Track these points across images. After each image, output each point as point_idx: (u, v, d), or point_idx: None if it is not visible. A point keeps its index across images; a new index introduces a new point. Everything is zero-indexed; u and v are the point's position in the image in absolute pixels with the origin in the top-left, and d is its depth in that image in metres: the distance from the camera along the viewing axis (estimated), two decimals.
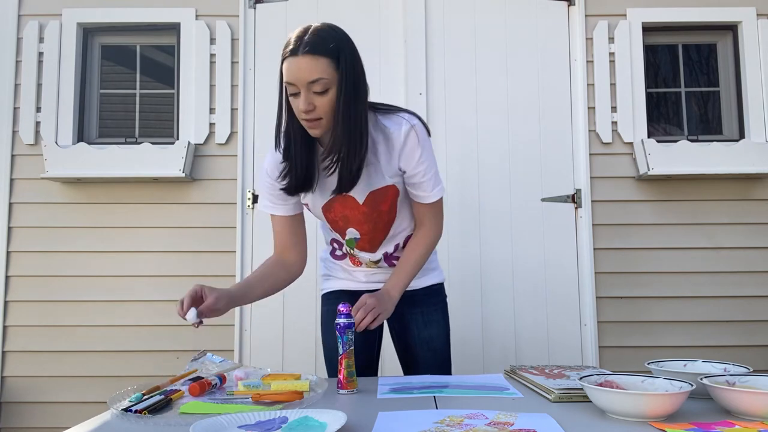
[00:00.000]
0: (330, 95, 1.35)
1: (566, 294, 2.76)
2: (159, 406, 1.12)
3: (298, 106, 1.36)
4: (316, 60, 1.31)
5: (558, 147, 2.83)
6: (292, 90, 1.35)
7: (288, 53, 1.33)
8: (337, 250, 1.69)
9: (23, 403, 2.72)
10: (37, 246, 2.78)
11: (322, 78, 1.32)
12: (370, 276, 1.68)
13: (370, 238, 1.58)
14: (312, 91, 1.33)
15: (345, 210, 1.54)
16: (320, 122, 1.37)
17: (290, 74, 1.33)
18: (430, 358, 1.66)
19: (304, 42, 1.32)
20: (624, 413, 1.01)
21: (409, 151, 1.45)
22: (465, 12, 2.87)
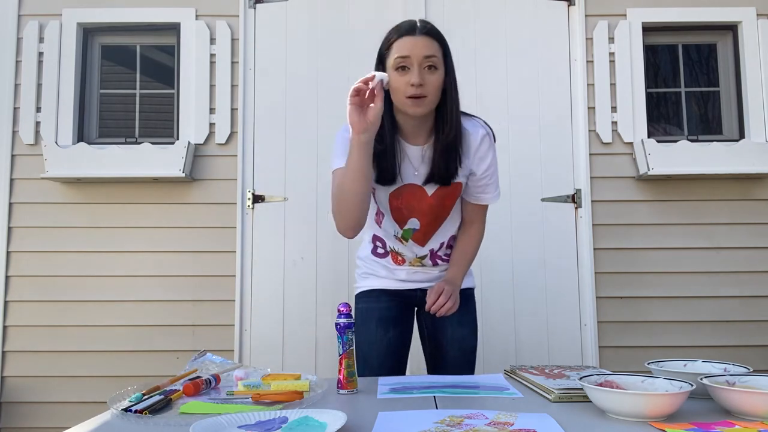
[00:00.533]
0: (437, 75, 1.46)
1: (566, 294, 2.76)
2: (159, 406, 1.12)
3: (407, 81, 1.43)
4: (432, 41, 1.46)
5: (558, 147, 2.83)
6: (404, 63, 1.44)
7: (404, 33, 1.46)
8: (378, 248, 1.71)
9: (23, 403, 2.72)
10: (37, 246, 2.78)
11: (434, 56, 1.44)
12: (411, 275, 1.70)
13: (426, 231, 1.64)
14: (424, 67, 1.43)
15: (413, 200, 1.58)
16: (425, 100, 1.45)
17: (406, 49, 1.43)
18: (459, 357, 1.69)
19: (420, 25, 1.47)
20: (624, 413, 1.01)
21: (483, 155, 1.56)
22: (465, 12, 2.87)
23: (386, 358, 1.65)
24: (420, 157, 1.56)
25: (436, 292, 1.52)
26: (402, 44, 1.44)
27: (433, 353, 1.74)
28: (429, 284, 1.70)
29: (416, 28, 1.46)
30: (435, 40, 1.46)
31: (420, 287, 1.71)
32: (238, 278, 2.75)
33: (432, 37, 1.46)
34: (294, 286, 2.77)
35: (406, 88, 1.44)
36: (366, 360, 1.65)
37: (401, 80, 1.44)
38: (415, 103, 1.44)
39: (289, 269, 2.77)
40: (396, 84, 1.45)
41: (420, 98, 1.44)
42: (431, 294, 1.51)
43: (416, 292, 1.72)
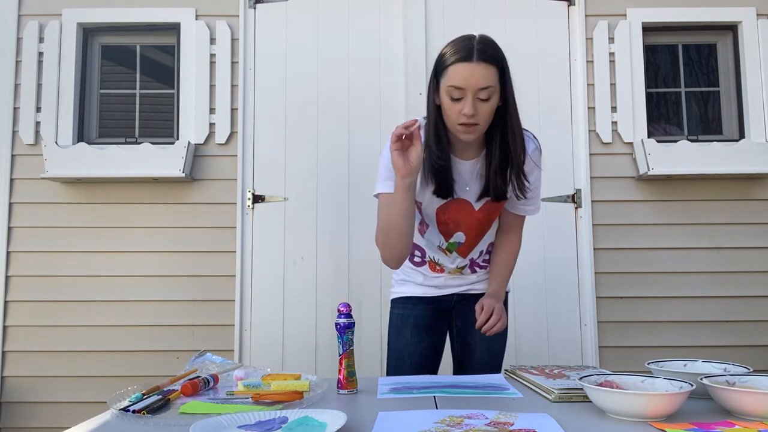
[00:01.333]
0: (491, 103, 1.42)
1: (566, 294, 2.76)
2: (157, 405, 1.12)
3: (461, 109, 1.40)
4: (488, 68, 1.39)
5: (558, 147, 2.83)
6: (458, 95, 1.40)
7: (459, 58, 1.39)
8: (416, 257, 1.70)
9: (23, 403, 2.72)
10: (37, 246, 2.78)
11: (490, 86, 1.39)
12: (448, 280, 1.70)
13: (470, 244, 1.64)
14: (478, 97, 1.40)
15: (459, 214, 1.59)
16: (476, 128, 1.43)
17: (461, 79, 1.38)
18: (487, 359, 1.69)
19: (477, 49, 1.39)
20: (624, 413, 1.01)
21: (531, 168, 1.55)
22: (465, 12, 2.87)
23: (419, 366, 1.66)
24: (470, 171, 1.55)
25: (487, 311, 1.51)
26: (457, 72, 1.39)
27: (461, 354, 1.75)
28: (465, 288, 1.71)
29: (473, 53, 1.38)
30: (493, 66, 1.40)
31: (456, 291, 1.71)
32: (238, 278, 2.75)
33: (490, 62, 1.40)
34: (294, 286, 2.77)
35: (458, 117, 1.42)
36: (399, 366, 1.66)
37: (454, 107, 1.42)
38: (467, 130, 1.43)
39: (289, 269, 2.77)
40: (448, 110, 1.43)
41: (472, 126, 1.42)
42: (482, 312, 1.51)
43: (452, 297, 1.72)
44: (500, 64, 1.42)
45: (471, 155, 1.55)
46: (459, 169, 1.55)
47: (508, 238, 1.70)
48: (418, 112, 2.75)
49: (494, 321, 1.50)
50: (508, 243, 1.69)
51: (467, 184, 1.56)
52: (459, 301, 1.72)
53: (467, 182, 1.56)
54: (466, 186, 1.56)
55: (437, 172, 1.50)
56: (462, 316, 1.72)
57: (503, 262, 1.68)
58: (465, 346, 1.73)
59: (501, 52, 1.44)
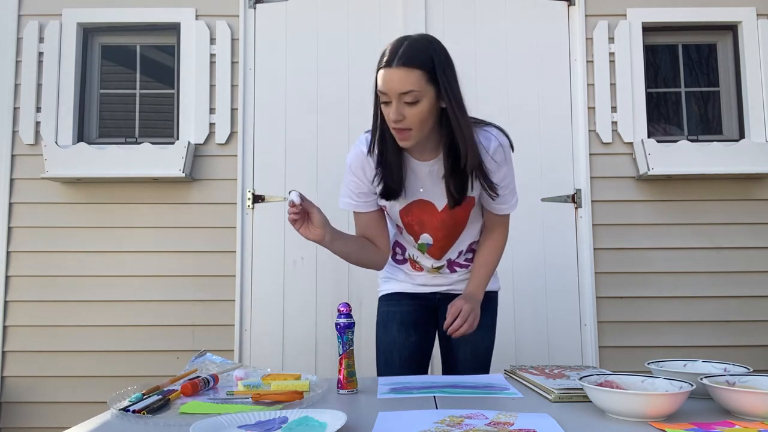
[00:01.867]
0: (420, 107, 1.38)
1: (566, 294, 2.76)
2: (157, 405, 1.12)
3: (388, 115, 1.40)
4: (409, 72, 1.35)
5: (558, 147, 2.83)
6: (384, 99, 1.39)
7: (383, 64, 1.38)
8: (398, 254, 1.72)
9: (23, 403, 2.72)
10: (37, 246, 2.78)
11: (413, 90, 1.35)
12: (430, 279, 1.70)
13: (441, 245, 1.63)
14: (403, 102, 1.37)
15: (423, 215, 1.57)
16: (410, 133, 1.41)
17: (383, 84, 1.37)
18: (470, 360, 1.68)
19: (399, 54, 1.36)
20: (624, 413, 1.01)
21: (496, 167, 1.51)
22: (465, 12, 2.87)
23: (408, 362, 1.65)
24: (428, 173, 1.53)
25: (453, 313, 1.49)
26: (381, 78, 1.38)
27: (446, 353, 1.74)
28: (448, 288, 1.70)
29: (395, 57, 1.36)
30: (415, 69, 1.35)
31: (439, 290, 1.71)
32: (238, 278, 2.75)
33: (411, 66, 1.35)
34: (294, 286, 2.77)
35: (389, 122, 1.41)
36: (388, 363, 1.66)
37: (386, 112, 1.41)
38: (399, 135, 1.42)
39: (289, 269, 2.77)
40: (384, 114, 1.43)
41: (404, 131, 1.40)
42: (449, 313, 1.49)
43: (436, 296, 1.72)
44: (428, 66, 1.37)
45: (428, 156, 1.52)
46: (415, 170, 1.53)
47: (490, 236, 1.66)
48: None
49: (458, 324, 1.47)
50: (491, 240, 1.66)
51: (422, 185, 1.54)
52: (442, 300, 1.71)
53: (423, 184, 1.54)
54: (420, 188, 1.54)
55: (383, 173, 1.50)
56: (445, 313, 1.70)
57: (482, 261, 1.64)
58: (450, 346, 1.71)
59: (431, 52, 1.39)
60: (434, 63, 1.38)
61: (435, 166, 1.52)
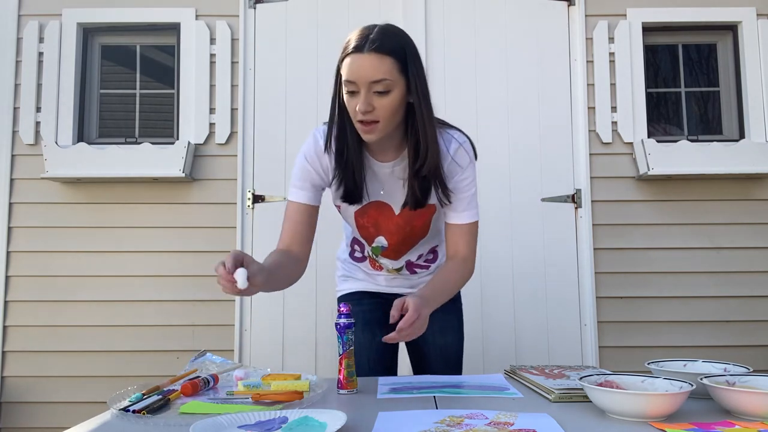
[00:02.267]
0: (391, 98, 1.30)
1: (566, 294, 2.76)
2: (157, 405, 1.12)
3: (355, 106, 1.30)
4: (382, 59, 1.27)
5: (558, 147, 2.83)
6: (351, 88, 1.29)
7: (351, 50, 1.28)
8: (356, 252, 1.65)
9: (23, 403, 2.72)
10: (37, 246, 2.78)
11: (385, 79, 1.27)
12: (390, 281, 1.65)
13: (396, 249, 1.56)
14: (373, 91, 1.28)
15: (379, 217, 1.50)
16: (376, 126, 1.31)
17: (352, 72, 1.27)
18: (443, 368, 1.64)
19: (370, 39, 1.27)
20: (624, 413, 1.01)
21: (453, 169, 1.43)
22: (465, 12, 2.87)
23: (377, 363, 1.59)
24: (389, 174, 1.44)
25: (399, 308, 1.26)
26: (348, 65, 1.28)
27: (415, 360, 1.70)
28: (408, 290, 1.62)
29: (365, 43, 1.27)
30: (388, 56, 1.27)
31: (401, 292, 1.63)
32: None
33: (384, 53, 1.27)
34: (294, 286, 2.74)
35: (355, 114, 1.31)
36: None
37: (351, 103, 1.31)
38: (365, 129, 1.31)
39: None
40: (348, 107, 1.32)
41: (371, 124, 1.30)
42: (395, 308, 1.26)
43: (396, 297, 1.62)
44: (400, 55, 1.29)
45: (389, 156, 1.43)
46: (375, 171, 1.44)
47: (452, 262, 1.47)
48: None
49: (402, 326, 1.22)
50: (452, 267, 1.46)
51: (382, 187, 1.46)
52: None
53: (383, 185, 1.46)
54: (381, 190, 1.46)
55: (342, 174, 1.41)
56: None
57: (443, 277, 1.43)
58: (419, 355, 1.66)
59: (403, 42, 1.32)
60: (406, 53, 1.31)
61: (397, 167, 1.44)
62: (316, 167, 1.43)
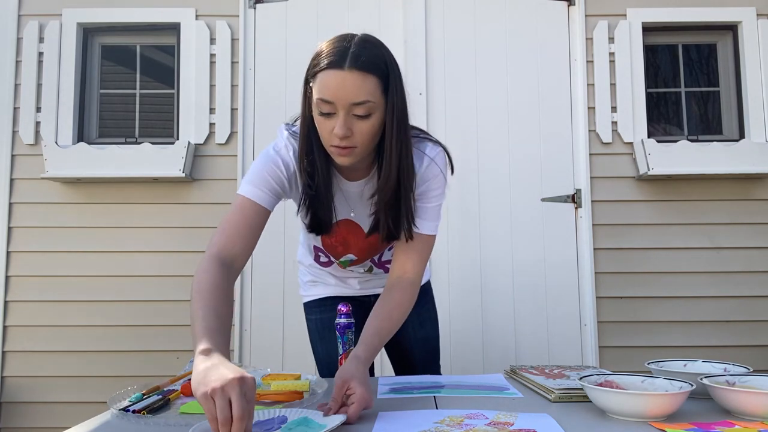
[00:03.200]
0: (372, 121, 1.15)
1: (566, 294, 2.76)
2: (157, 405, 1.12)
3: (330, 128, 1.14)
4: (365, 78, 1.11)
5: (558, 147, 2.83)
6: (327, 109, 1.13)
7: (328, 64, 1.12)
8: (321, 257, 1.51)
9: (23, 403, 2.72)
10: (37, 246, 2.78)
11: (368, 101, 1.12)
12: (364, 283, 1.58)
13: (366, 257, 1.48)
14: (352, 114, 1.13)
15: (349, 236, 1.39)
16: (353, 151, 1.16)
17: (329, 91, 1.11)
18: (427, 359, 1.65)
19: (351, 54, 1.11)
20: (624, 413, 1.01)
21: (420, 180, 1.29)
22: (465, 12, 2.87)
23: None
24: (359, 194, 1.33)
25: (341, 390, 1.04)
26: (326, 82, 1.11)
27: (397, 357, 1.66)
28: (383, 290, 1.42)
29: (345, 58, 1.11)
30: (371, 75, 1.12)
31: (375, 293, 1.57)
32: (238, 278, 2.75)
33: (367, 71, 1.11)
34: (294, 286, 2.75)
35: (331, 137, 1.15)
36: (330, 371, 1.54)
37: (325, 125, 1.14)
38: (341, 153, 1.16)
39: (289, 269, 2.77)
40: (319, 126, 1.16)
41: (348, 149, 1.15)
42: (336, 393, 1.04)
43: (370, 298, 1.59)
44: (383, 72, 1.14)
45: (358, 175, 1.30)
46: (344, 191, 1.32)
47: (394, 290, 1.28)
48: (417, 111, 2.75)
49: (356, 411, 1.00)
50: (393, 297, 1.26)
51: (352, 209, 1.34)
52: None
53: (353, 207, 1.34)
54: (351, 212, 1.35)
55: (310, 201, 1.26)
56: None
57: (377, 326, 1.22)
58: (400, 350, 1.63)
59: (387, 58, 1.17)
60: (389, 70, 1.16)
61: (366, 186, 1.32)
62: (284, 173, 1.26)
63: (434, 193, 1.31)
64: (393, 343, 1.60)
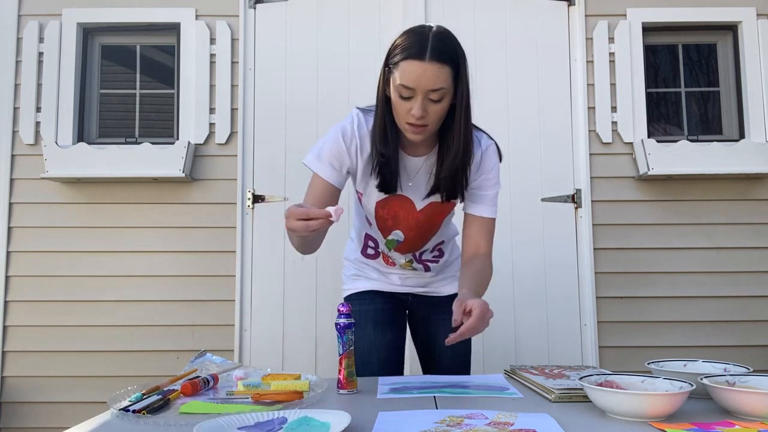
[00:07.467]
0: (443, 104, 1.34)
1: (566, 294, 2.76)
2: (157, 405, 1.12)
3: (409, 109, 1.32)
4: (441, 68, 1.29)
5: (558, 147, 2.83)
6: (407, 94, 1.31)
7: (411, 55, 1.29)
8: (369, 248, 1.65)
9: (23, 403, 2.72)
10: (37, 246, 2.78)
11: (443, 87, 1.30)
12: (404, 279, 1.67)
13: (411, 245, 1.59)
14: (428, 98, 1.31)
15: (400, 211, 1.52)
16: (425, 128, 1.36)
17: (411, 78, 1.29)
18: (452, 366, 1.65)
19: (431, 47, 1.28)
20: (624, 413, 1.01)
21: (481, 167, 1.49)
22: (465, 12, 2.87)
23: (386, 362, 1.60)
24: (417, 168, 1.49)
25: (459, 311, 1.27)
26: (408, 70, 1.29)
27: (426, 359, 1.72)
28: (422, 289, 1.68)
29: (426, 50, 1.28)
30: (446, 65, 1.30)
31: (413, 291, 1.68)
32: (238, 278, 2.75)
33: (444, 62, 1.29)
34: (294, 286, 2.77)
35: (407, 116, 1.34)
36: (365, 364, 1.60)
37: (403, 105, 1.33)
38: (414, 130, 1.36)
39: (289, 269, 2.77)
40: (397, 107, 1.35)
41: (422, 127, 1.35)
42: (456, 312, 1.27)
43: (408, 296, 1.69)
44: (455, 63, 1.32)
45: (421, 151, 1.48)
46: (405, 165, 1.48)
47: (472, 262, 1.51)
48: None
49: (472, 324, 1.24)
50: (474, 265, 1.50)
51: (410, 180, 1.50)
52: (415, 302, 1.69)
53: (411, 178, 1.50)
54: (410, 182, 1.50)
55: (381, 167, 1.43)
56: (422, 321, 1.69)
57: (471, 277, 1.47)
58: (429, 354, 1.68)
59: (458, 49, 1.34)
60: (459, 60, 1.33)
61: (426, 162, 1.48)
62: (350, 148, 1.45)
63: (491, 182, 1.51)
64: (422, 344, 1.70)
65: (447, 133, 1.42)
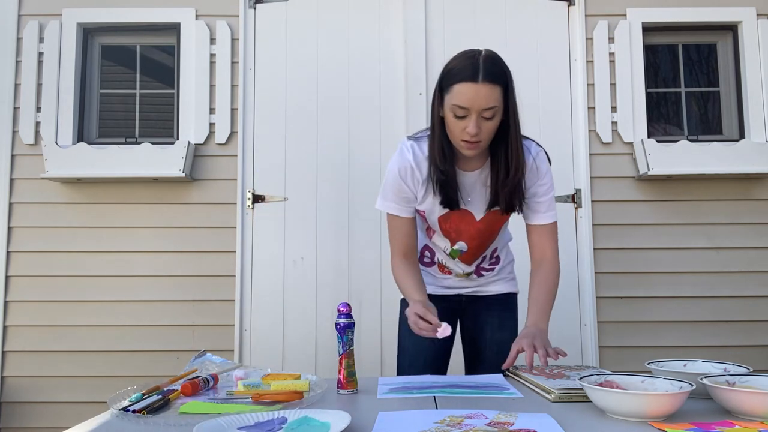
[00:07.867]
0: (495, 121, 1.43)
1: (566, 294, 2.76)
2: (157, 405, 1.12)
3: (463, 127, 1.42)
4: (493, 89, 1.40)
5: (558, 147, 2.82)
6: (462, 113, 1.41)
7: (465, 77, 1.39)
8: (426, 258, 1.74)
9: (23, 403, 2.72)
10: (37, 246, 2.78)
11: (495, 106, 1.40)
12: (457, 282, 1.74)
13: (474, 253, 1.67)
14: (482, 116, 1.40)
15: (461, 224, 1.60)
16: (479, 144, 1.45)
17: (465, 99, 1.39)
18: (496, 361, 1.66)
19: (483, 69, 1.40)
20: (624, 413, 1.01)
21: (533, 175, 1.56)
22: (465, 12, 2.87)
23: (433, 364, 1.68)
24: (473, 182, 1.57)
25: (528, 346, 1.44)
26: (462, 92, 1.40)
27: (471, 354, 1.77)
28: (472, 289, 1.75)
29: (479, 72, 1.40)
30: (498, 85, 1.41)
31: (464, 292, 1.75)
32: (238, 278, 2.75)
33: (495, 82, 1.41)
34: (294, 286, 2.77)
35: (462, 134, 1.43)
36: (413, 365, 1.68)
37: (458, 125, 1.43)
38: (469, 147, 1.45)
39: (289, 269, 2.77)
40: (452, 126, 1.45)
41: (474, 143, 1.44)
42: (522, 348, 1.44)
43: (461, 297, 1.75)
44: (505, 82, 1.43)
45: (474, 166, 1.56)
46: (461, 181, 1.56)
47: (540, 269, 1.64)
48: (417, 111, 2.75)
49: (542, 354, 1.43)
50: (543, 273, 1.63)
51: (469, 194, 1.58)
52: (467, 302, 1.75)
53: (469, 193, 1.57)
54: (468, 197, 1.58)
55: (442, 185, 1.52)
56: (472, 317, 1.75)
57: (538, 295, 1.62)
58: (475, 348, 1.75)
59: (506, 69, 1.46)
60: (507, 80, 1.44)
61: (481, 176, 1.56)
62: (408, 183, 1.55)
63: (545, 187, 1.59)
64: (470, 340, 1.76)
65: (498, 146, 1.50)
